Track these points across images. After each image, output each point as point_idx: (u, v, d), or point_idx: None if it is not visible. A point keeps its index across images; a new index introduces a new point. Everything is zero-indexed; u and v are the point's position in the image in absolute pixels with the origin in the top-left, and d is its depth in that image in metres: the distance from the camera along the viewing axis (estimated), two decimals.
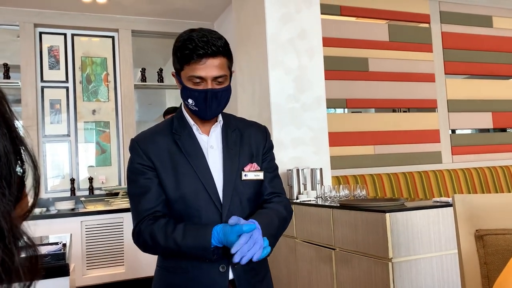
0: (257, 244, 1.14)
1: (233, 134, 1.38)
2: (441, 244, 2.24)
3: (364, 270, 2.34)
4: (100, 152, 4.79)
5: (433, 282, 2.21)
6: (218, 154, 1.35)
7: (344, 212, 2.54)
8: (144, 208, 1.28)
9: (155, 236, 1.24)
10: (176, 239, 1.21)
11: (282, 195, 1.42)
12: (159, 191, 1.30)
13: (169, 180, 1.29)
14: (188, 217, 1.28)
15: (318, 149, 3.57)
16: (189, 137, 1.34)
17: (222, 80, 1.29)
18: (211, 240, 1.18)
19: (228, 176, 1.31)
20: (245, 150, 1.37)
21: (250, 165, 1.36)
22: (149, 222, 1.27)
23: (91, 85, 4.80)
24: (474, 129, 5.16)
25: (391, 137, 4.59)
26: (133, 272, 4.12)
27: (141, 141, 1.34)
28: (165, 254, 1.27)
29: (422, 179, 4.42)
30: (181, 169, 1.30)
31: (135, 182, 1.32)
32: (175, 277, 1.29)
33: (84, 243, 4.12)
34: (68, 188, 4.62)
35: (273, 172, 1.43)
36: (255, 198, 1.36)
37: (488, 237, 1.20)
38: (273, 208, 1.34)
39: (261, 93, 3.61)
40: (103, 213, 4.20)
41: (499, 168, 4.82)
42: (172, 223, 1.25)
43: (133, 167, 1.33)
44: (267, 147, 1.43)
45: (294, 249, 3.06)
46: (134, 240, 1.30)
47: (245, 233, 1.13)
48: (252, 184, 1.35)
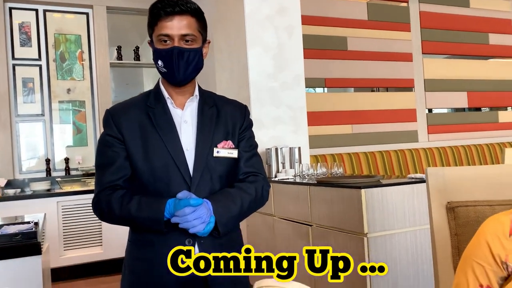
0: (199, 219, 1.16)
1: (210, 111, 1.36)
2: (415, 219, 2.29)
3: (340, 245, 2.37)
4: (76, 132, 4.70)
5: (407, 256, 2.26)
6: (192, 129, 1.32)
7: (321, 189, 2.56)
8: (106, 180, 1.28)
9: (112, 206, 1.24)
10: (130, 210, 1.22)
11: (259, 175, 1.39)
12: (124, 165, 1.29)
13: (137, 153, 1.28)
14: (156, 191, 1.27)
15: (297, 128, 3.57)
16: (163, 110, 1.32)
17: (190, 39, 1.27)
18: (164, 212, 1.19)
19: (200, 151, 1.30)
20: (220, 127, 1.35)
21: (224, 142, 1.34)
22: (107, 192, 1.27)
23: (65, 63, 4.67)
24: (450, 109, 5.24)
25: (369, 116, 4.63)
26: (110, 252, 4.10)
27: (115, 112, 1.32)
28: (121, 223, 1.28)
29: (398, 157, 4.49)
30: (151, 142, 1.28)
31: (102, 153, 1.31)
32: (142, 250, 1.29)
33: (60, 224, 4.07)
34: (43, 169, 4.53)
35: (250, 151, 1.40)
36: (227, 175, 1.34)
37: (459, 209, 1.22)
38: (241, 188, 1.33)
39: (240, 71, 3.58)
40: (80, 194, 4.14)
41: (473, 147, 4.93)
42: (129, 195, 1.26)
43: (103, 139, 1.32)
44: (244, 126, 1.40)
45: (272, 226, 3.09)
46: (92, 209, 1.31)
47: (190, 206, 1.16)
48: (224, 162, 1.33)
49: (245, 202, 1.30)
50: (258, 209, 1.39)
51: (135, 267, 1.31)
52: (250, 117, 1.46)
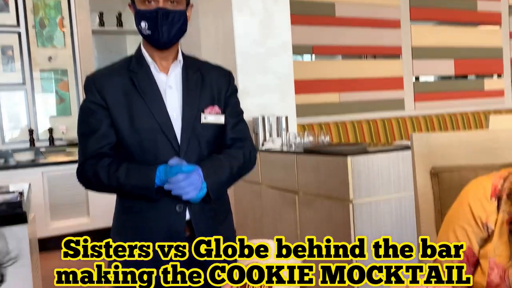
0: (192, 186, 1.16)
1: (194, 76, 1.33)
2: (400, 186, 2.32)
3: (326, 211, 2.40)
4: (59, 102, 4.61)
5: (392, 222, 2.30)
6: (177, 95, 1.30)
7: (307, 158, 2.57)
8: (90, 149, 1.25)
9: (99, 175, 1.22)
10: (119, 178, 1.21)
11: (246, 141, 1.38)
12: (109, 132, 1.26)
13: (123, 120, 1.25)
14: (144, 158, 1.25)
15: (284, 96, 3.55)
16: (146, 75, 1.28)
17: (175, 0, 1.24)
18: (154, 179, 1.18)
19: (187, 118, 1.27)
20: (206, 92, 1.32)
21: (210, 107, 1.32)
22: (92, 161, 1.24)
23: (45, 30, 4.52)
24: (436, 76, 5.24)
25: (356, 84, 4.61)
26: (98, 222, 4.11)
27: (96, 78, 1.28)
28: (109, 192, 1.27)
29: (385, 126, 4.52)
30: (136, 109, 1.25)
31: (84, 121, 1.28)
32: (131, 217, 1.28)
33: (46, 194, 4.04)
34: (27, 139, 4.45)
35: (236, 117, 1.39)
36: (214, 141, 1.33)
37: (443, 174, 1.23)
38: (230, 154, 1.32)
39: (226, 37, 3.50)
40: (65, 164, 4.10)
41: (458, 115, 4.97)
42: (116, 162, 1.24)
43: (85, 106, 1.28)
44: (230, 91, 1.38)
45: (259, 194, 3.11)
46: (77, 178, 1.29)
47: (183, 173, 1.15)
48: (212, 127, 1.31)
49: (234, 167, 1.30)
50: (246, 174, 1.39)
51: (125, 232, 1.30)
52: (235, 83, 1.43)
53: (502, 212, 0.84)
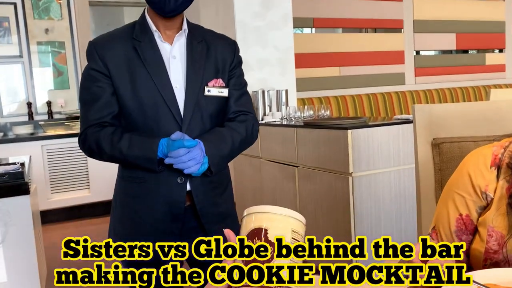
0: (193, 160, 1.16)
1: (199, 46, 1.30)
2: (400, 159, 2.33)
3: (325, 184, 2.42)
4: (57, 75, 4.57)
5: (390, 194, 2.32)
6: (181, 66, 1.27)
7: (308, 131, 2.57)
8: (92, 117, 1.24)
9: (101, 144, 1.22)
10: (122, 149, 1.20)
11: (249, 114, 1.36)
12: (111, 101, 1.24)
13: (125, 89, 1.23)
14: (147, 129, 1.24)
15: (284, 70, 3.52)
16: (150, 44, 1.25)
17: None
18: (157, 151, 1.18)
19: (190, 89, 1.25)
20: (210, 64, 1.30)
21: (214, 80, 1.29)
22: (95, 129, 1.23)
23: (41, 1, 4.44)
24: (437, 51, 5.20)
25: (357, 58, 4.58)
26: (98, 195, 4.14)
27: (99, 45, 1.26)
28: (111, 161, 1.26)
29: (385, 100, 4.50)
30: (139, 78, 1.23)
31: (87, 89, 1.26)
32: (133, 187, 1.29)
33: (46, 167, 4.05)
34: (25, 112, 4.44)
35: (240, 89, 1.37)
36: (218, 114, 1.32)
37: (444, 145, 1.23)
38: (232, 127, 1.31)
39: (225, 10, 3.45)
40: (64, 137, 4.10)
41: (459, 90, 4.95)
42: (119, 132, 1.23)
43: (87, 73, 1.26)
44: (235, 63, 1.35)
45: (259, 168, 3.12)
46: (80, 146, 1.28)
47: (184, 148, 1.15)
48: (215, 100, 1.30)
49: (236, 141, 1.29)
50: (248, 148, 1.39)
51: (127, 203, 1.31)
52: (240, 54, 1.41)
53: (501, 181, 0.85)
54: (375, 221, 2.30)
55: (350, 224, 2.26)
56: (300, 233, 0.63)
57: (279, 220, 0.62)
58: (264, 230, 0.61)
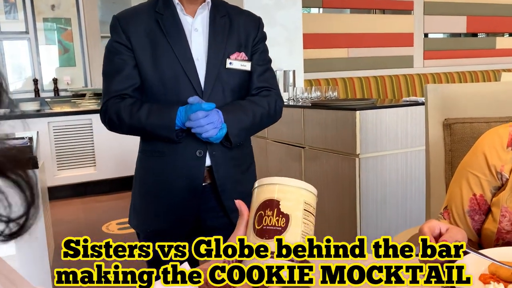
0: (211, 124, 1.15)
1: (222, 20, 1.29)
2: (407, 141, 2.32)
3: (331, 166, 2.42)
4: (63, 52, 4.55)
5: (397, 177, 2.32)
6: (203, 39, 1.26)
7: (315, 112, 2.56)
8: (113, 89, 1.24)
9: (121, 115, 1.22)
10: (140, 118, 1.20)
11: (272, 90, 1.34)
12: (133, 74, 1.24)
13: (146, 62, 1.23)
14: (166, 102, 1.24)
15: (292, 50, 3.48)
16: (172, 16, 1.25)
17: None
18: (175, 119, 1.17)
19: (212, 62, 1.24)
20: (233, 37, 1.28)
21: (237, 53, 1.28)
22: (116, 100, 1.24)
23: None
24: (446, 34, 5.12)
25: (365, 39, 4.52)
26: (104, 172, 4.16)
27: (122, 18, 1.26)
28: (131, 133, 1.26)
29: (392, 83, 4.46)
30: (161, 50, 1.23)
31: (110, 60, 1.26)
32: (153, 161, 1.28)
33: (53, 144, 4.07)
34: (31, 89, 4.43)
35: (264, 65, 1.34)
36: (239, 89, 1.30)
37: (455, 125, 1.23)
38: (253, 100, 1.28)
39: None
40: (70, 114, 4.11)
41: (467, 74, 4.90)
42: (138, 103, 1.23)
43: (110, 45, 1.27)
44: (258, 37, 1.33)
45: (265, 149, 3.12)
46: (101, 119, 1.28)
47: (203, 110, 1.13)
48: (237, 74, 1.28)
49: (257, 114, 1.27)
50: (270, 125, 1.36)
51: (146, 177, 1.31)
52: (264, 30, 1.38)
53: None
54: (380, 203, 2.30)
55: (355, 205, 2.26)
56: (312, 205, 0.62)
57: (291, 192, 0.61)
58: (276, 201, 0.60)
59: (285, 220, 0.59)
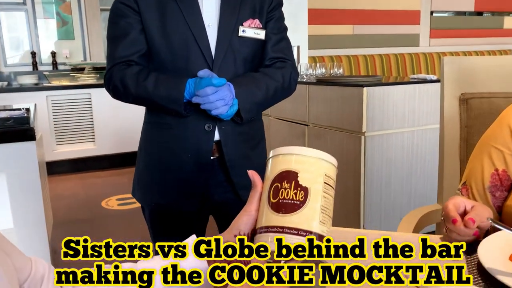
0: (222, 101, 1.08)
1: None
2: (414, 120, 2.27)
3: (336, 143, 2.37)
4: (62, 25, 4.44)
5: (402, 155, 2.27)
6: (215, 4, 1.18)
7: (320, 88, 2.49)
8: (119, 55, 1.16)
9: (126, 83, 1.15)
10: (147, 88, 1.13)
11: (287, 61, 1.26)
12: (139, 39, 1.17)
13: (154, 26, 1.15)
14: (175, 70, 1.16)
15: (296, 25, 3.40)
16: None
17: None
18: (184, 92, 1.10)
19: (223, 29, 1.16)
20: (247, 4, 1.20)
21: (250, 20, 1.19)
22: (121, 67, 1.16)
23: None
24: (452, 12, 5.01)
25: (371, 16, 4.42)
26: (103, 148, 4.11)
27: None
28: (137, 102, 1.19)
29: (397, 61, 4.38)
30: (170, 14, 1.15)
31: (115, 24, 1.18)
32: (159, 133, 1.22)
33: (51, 118, 4.01)
34: (29, 62, 4.35)
35: (279, 33, 1.25)
36: (252, 59, 1.22)
37: (472, 100, 1.17)
38: (267, 73, 1.21)
39: None
40: (69, 88, 4.04)
41: (474, 54, 4.81)
42: (145, 71, 1.16)
43: (115, 7, 1.18)
44: (274, 4, 1.24)
45: (268, 126, 3.07)
46: (105, 86, 1.21)
47: (212, 86, 1.06)
48: (250, 43, 1.20)
49: (271, 88, 1.19)
50: (284, 99, 1.29)
51: (152, 149, 1.25)
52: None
53: None
54: (385, 182, 2.26)
55: (360, 183, 2.22)
56: (332, 177, 0.58)
57: (310, 163, 0.56)
58: (294, 172, 0.56)
59: (304, 193, 0.54)
